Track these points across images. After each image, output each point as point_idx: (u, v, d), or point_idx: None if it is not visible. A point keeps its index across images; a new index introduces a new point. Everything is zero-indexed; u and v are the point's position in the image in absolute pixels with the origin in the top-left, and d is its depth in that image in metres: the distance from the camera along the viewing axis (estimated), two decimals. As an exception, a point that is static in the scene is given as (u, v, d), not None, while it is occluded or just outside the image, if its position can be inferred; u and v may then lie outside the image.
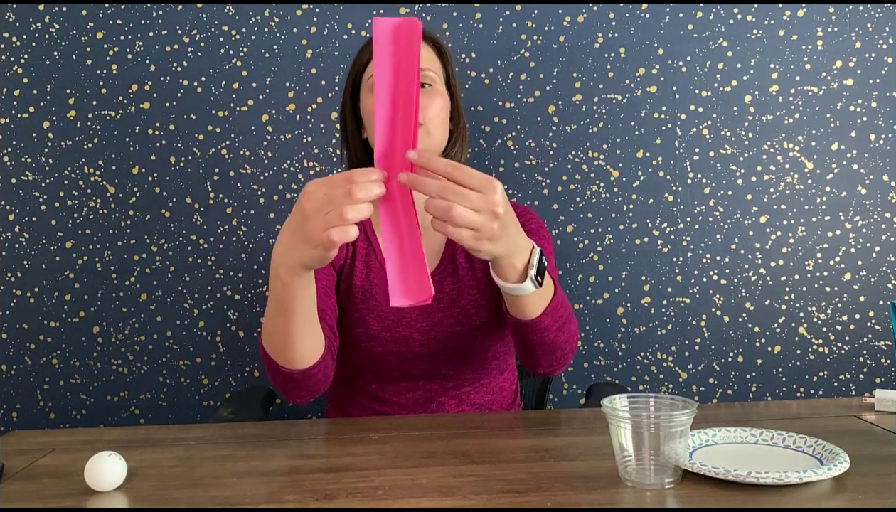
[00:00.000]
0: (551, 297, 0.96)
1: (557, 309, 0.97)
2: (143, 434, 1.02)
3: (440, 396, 1.18)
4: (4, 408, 1.66)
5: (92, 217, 1.65)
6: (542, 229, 1.23)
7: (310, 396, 1.02)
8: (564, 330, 1.00)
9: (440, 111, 1.16)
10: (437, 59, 1.20)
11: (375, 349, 1.14)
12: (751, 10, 1.62)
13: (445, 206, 0.78)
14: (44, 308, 1.65)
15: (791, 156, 1.63)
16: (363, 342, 1.14)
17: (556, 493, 0.73)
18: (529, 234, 1.16)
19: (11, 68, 1.64)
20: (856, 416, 1.01)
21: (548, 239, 1.22)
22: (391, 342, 1.14)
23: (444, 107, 1.18)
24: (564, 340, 1.01)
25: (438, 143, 1.18)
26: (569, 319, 1.02)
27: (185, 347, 1.66)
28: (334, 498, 0.74)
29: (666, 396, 0.78)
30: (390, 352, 1.14)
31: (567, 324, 1.01)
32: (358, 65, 1.20)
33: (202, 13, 1.63)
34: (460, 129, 1.23)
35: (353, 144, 1.23)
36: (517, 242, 0.87)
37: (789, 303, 1.64)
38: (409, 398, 1.17)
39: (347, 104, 1.22)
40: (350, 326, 1.14)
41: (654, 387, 1.65)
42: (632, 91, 1.63)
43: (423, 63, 1.16)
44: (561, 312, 0.98)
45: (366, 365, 1.16)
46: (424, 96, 1.15)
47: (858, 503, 0.70)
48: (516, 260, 0.88)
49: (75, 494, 0.77)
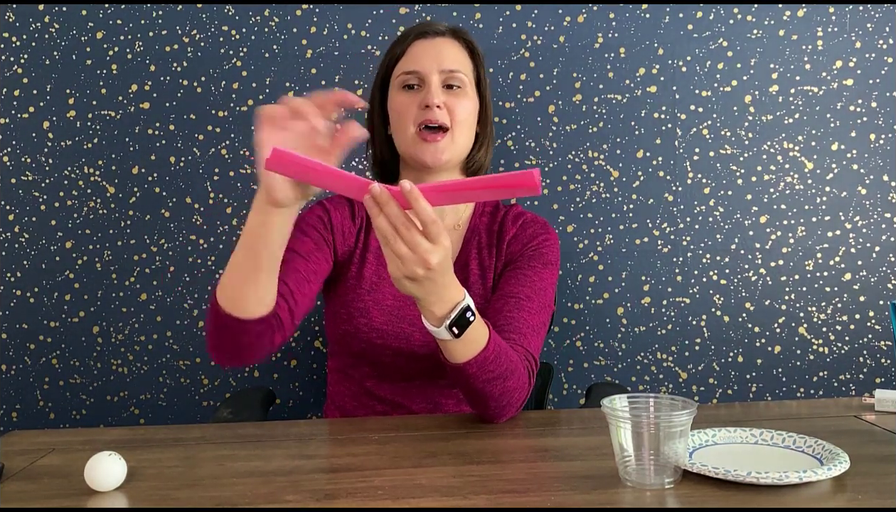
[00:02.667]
0: (481, 349, 0.92)
1: (488, 362, 0.93)
2: (143, 434, 1.02)
3: (438, 396, 1.18)
4: (4, 408, 1.66)
5: (92, 217, 1.65)
6: (548, 253, 1.18)
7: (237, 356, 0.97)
8: (497, 384, 0.95)
9: (468, 114, 1.17)
10: (469, 61, 1.20)
11: (375, 341, 1.13)
12: (751, 10, 1.62)
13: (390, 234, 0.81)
14: (44, 308, 1.65)
15: (791, 156, 1.63)
16: (364, 333, 1.14)
17: (556, 493, 0.73)
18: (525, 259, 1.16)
19: (11, 68, 1.64)
20: (856, 416, 1.01)
21: (552, 266, 1.17)
22: (392, 337, 1.14)
23: (472, 110, 1.18)
24: (499, 393, 0.96)
25: (463, 148, 1.18)
26: (507, 376, 0.96)
27: (185, 347, 1.66)
28: (334, 498, 0.74)
29: (666, 396, 0.78)
30: (389, 346, 1.13)
31: (504, 379, 0.95)
32: (388, 61, 1.21)
33: (202, 13, 1.63)
34: (487, 132, 1.23)
35: (378, 140, 1.23)
36: (441, 294, 0.87)
37: (789, 303, 1.64)
38: (406, 397, 1.17)
39: (376, 100, 1.23)
40: (353, 316, 1.14)
41: (654, 387, 1.65)
42: (632, 91, 1.63)
43: (452, 64, 1.16)
44: (493, 367, 0.93)
45: (363, 356, 1.16)
46: (453, 97, 1.15)
47: (858, 503, 0.70)
48: (435, 308, 0.88)
49: (75, 494, 0.77)
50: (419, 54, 1.17)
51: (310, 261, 1.12)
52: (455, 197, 0.83)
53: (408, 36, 1.20)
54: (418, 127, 1.14)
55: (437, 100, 1.13)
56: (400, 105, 1.17)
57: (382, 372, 1.17)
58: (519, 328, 1.06)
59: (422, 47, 1.18)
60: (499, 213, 1.23)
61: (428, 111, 1.13)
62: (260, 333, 0.95)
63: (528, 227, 1.20)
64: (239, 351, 0.96)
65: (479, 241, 1.21)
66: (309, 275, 1.10)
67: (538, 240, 1.18)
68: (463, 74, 1.17)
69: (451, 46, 1.19)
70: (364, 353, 1.16)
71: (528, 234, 1.19)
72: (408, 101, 1.16)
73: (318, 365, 1.66)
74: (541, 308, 1.11)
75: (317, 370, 1.66)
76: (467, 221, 1.23)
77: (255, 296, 0.92)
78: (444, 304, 0.88)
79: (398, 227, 0.80)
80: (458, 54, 1.18)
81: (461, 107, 1.15)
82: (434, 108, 1.13)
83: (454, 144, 1.15)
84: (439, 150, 1.14)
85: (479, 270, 1.18)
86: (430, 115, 1.13)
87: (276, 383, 1.66)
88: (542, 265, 1.15)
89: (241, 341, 0.95)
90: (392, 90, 1.19)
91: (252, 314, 0.93)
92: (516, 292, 1.11)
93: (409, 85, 1.17)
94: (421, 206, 0.79)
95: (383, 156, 1.24)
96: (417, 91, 1.16)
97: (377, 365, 1.16)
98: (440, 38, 1.19)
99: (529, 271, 1.14)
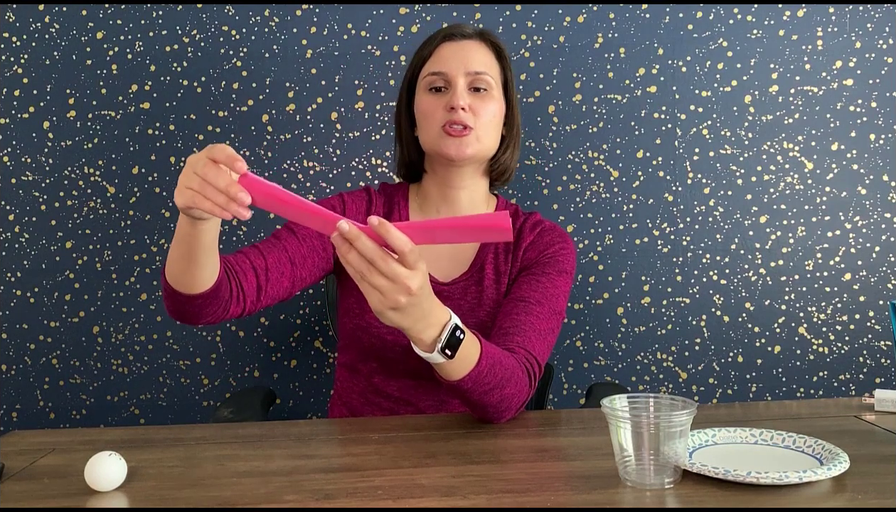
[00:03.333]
0: (474, 365, 0.92)
1: (482, 375, 0.93)
2: (143, 434, 1.02)
3: (444, 394, 1.18)
4: (4, 408, 1.66)
5: (92, 217, 1.65)
6: (564, 262, 1.18)
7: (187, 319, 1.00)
8: (494, 393, 0.95)
9: (493, 117, 1.17)
10: (495, 63, 1.20)
11: (386, 337, 1.14)
12: (751, 10, 1.62)
13: (365, 268, 0.79)
14: (44, 308, 1.65)
15: (791, 156, 1.63)
16: (375, 328, 1.14)
17: (556, 493, 0.73)
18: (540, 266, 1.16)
19: (11, 68, 1.64)
20: (856, 416, 1.01)
21: (566, 275, 1.17)
22: (402, 335, 1.13)
23: (498, 112, 1.18)
24: (496, 401, 0.97)
25: (488, 149, 1.18)
26: (503, 384, 0.96)
27: (185, 347, 1.66)
28: (334, 498, 0.74)
29: (666, 396, 0.78)
30: (400, 344, 1.14)
31: (500, 388, 0.96)
32: (415, 63, 1.21)
33: (202, 13, 1.63)
34: (513, 134, 1.23)
35: (406, 141, 1.23)
36: (428, 319, 0.86)
37: (789, 303, 1.64)
38: (413, 394, 1.17)
39: (403, 101, 1.23)
40: (366, 311, 1.14)
41: (654, 387, 1.65)
42: (632, 91, 1.63)
43: (479, 67, 1.16)
44: (488, 379, 0.94)
45: (372, 351, 1.16)
46: (478, 100, 1.16)
47: (858, 503, 0.70)
48: (424, 335, 0.87)
49: (75, 494, 0.77)
50: (446, 56, 1.17)
51: (304, 245, 1.12)
52: (426, 236, 0.81)
53: (435, 38, 1.20)
54: (443, 128, 1.15)
55: (463, 102, 1.13)
56: (426, 106, 1.17)
57: (391, 369, 1.17)
58: (524, 331, 1.06)
59: (449, 49, 1.18)
60: (517, 220, 1.23)
61: (453, 113, 1.13)
62: (203, 305, 0.98)
63: (545, 234, 1.21)
64: (187, 316, 1.00)
65: (495, 246, 1.21)
66: (296, 258, 1.11)
67: (555, 248, 1.19)
68: (489, 77, 1.17)
69: (478, 49, 1.19)
70: (374, 348, 1.16)
71: (544, 242, 1.19)
72: (434, 103, 1.16)
73: (318, 365, 1.67)
74: (551, 314, 1.11)
75: (317, 370, 1.67)
76: None
77: (192, 280, 0.94)
78: (432, 328, 0.87)
79: (374, 260, 0.79)
80: (485, 57, 1.19)
81: (486, 109, 1.15)
82: (459, 110, 1.13)
83: (479, 142, 1.15)
84: (464, 144, 1.14)
85: (495, 274, 1.18)
86: (455, 116, 1.13)
87: (277, 383, 1.66)
88: (556, 273, 1.16)
89: (188, 309, 0.98)
90: (419, 92, 1.19)
91: (194, 290, 0.95)
92: (527, 297, 1.11)
93: (436, 87, 1.17)
94: (395, 236, 0.78)
95: (410, 157, 1.24)
96: (444, 93, 1.16)
97: (386, 361, 1.17)
98: (467, 41, 1.19)
99: (543, 278, 1.14)
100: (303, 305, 1.66)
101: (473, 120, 1.14)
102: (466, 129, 1.14)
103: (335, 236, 0.79)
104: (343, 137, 1.64)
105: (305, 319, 1.66)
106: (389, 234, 0.78)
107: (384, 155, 1.65)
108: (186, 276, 0.94)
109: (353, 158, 1.64)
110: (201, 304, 0.97)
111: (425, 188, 1.24)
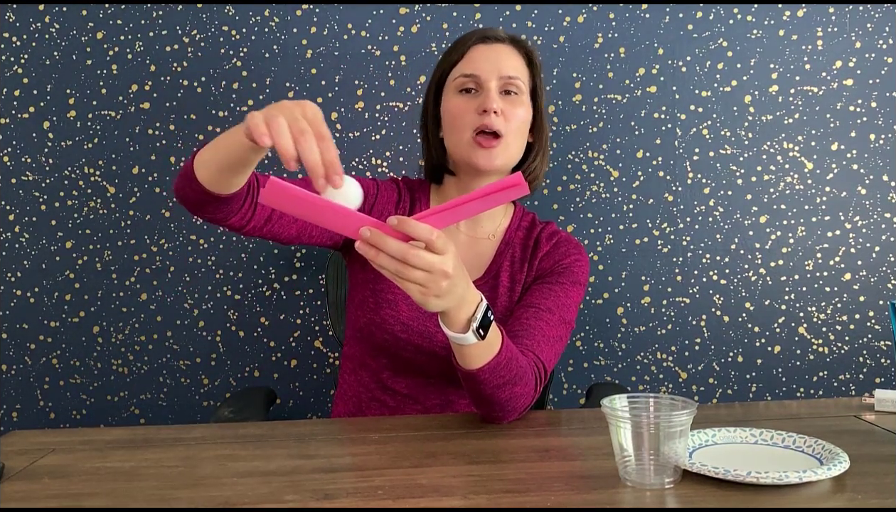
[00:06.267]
0: (495, 354, 0.93)
1: (500, 367, 0.94)
2: (143, 434, 1.02)
3: (452, 394, 1.18)
4: (4, 408, 1.66)
5: (92, 217, 1.65)
6: (578, 273, 1.19)
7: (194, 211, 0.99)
8: (506, 389, 0.96)
9: (521, 123, 1.17)
10: (526, 69, 1.20)
11: (399, 334, 1.14)
12: (751, 10, 1.62)
13: (398, 267, 0.80)
14: (44, 308, 1.65)
15: (791, 156, 1.63)
16: (389, 324, 1.14)
17: (556, 493, 0.73)
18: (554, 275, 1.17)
19: (11, 68, 1.64)
20: (856, 416, 1.01)
21: (579, 286, 1.18)
22: (416, 333, 1.14)
23: (525, 118, 1.18)
24: (506, 398, 0.97)
25: (514, 157, 1.18)
26: (515, 381, 0.97)
27: (185, 347, 1.66)
28: (334, 498, 0.74)
29: (666, 396, 0.78)
30: (412, 342, 1.14)
31: (512, 385, 0.96)
32: (444, 65, 1.21)
33: (202, 13, 1.63)
34: (542, 141, 1.23)
35: (432, 142, 1.23)
36: (465, 296, 0.87)
37: (789, 303, 1.64)
38: (421, 392, 1.18)
39: (430, 102, 1.23)
40: (381, 306, 1.15)
41: (654, 387, 1.65)
42: (632, 91, 1.63)
43: (511, 71, 1.16)
44: (504, 372, 0.95)
45: (384, 348, 1.16)
46: (509, 104, 1.15)
47: (858, 503, 0.70)
48: (461, 313, 0.88)
49: (75, 494, 0.77)
50: (478, 59, 1.17)
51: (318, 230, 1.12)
52: (446, 218, 0.81)
53: (467, 40, 1.19)
54: (474, 132, 1.14)
55: (496, 105, 1.13)
56: (456, 108, 1.16)
57: (400, 366, 1.17)
58: (534, 335, 1.07)
59: (481, 52, 1.18)
60: (535, 229, 1.24)
61: (485, 116, 1.13)
62: (217, 203, 0.96)
63: (561, 245, 1.21)
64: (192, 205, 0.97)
65: (512, 253, 1.21)
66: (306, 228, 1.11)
67: (570, 259, 1.19)
68: (521, 82, 1.17)
69: (510, 53, 1.19)
70: (385, 344, 1.16)
71: (560, 252, 1.20)
72: (464, 105, 1.16)
73: (318, 365, 1.67)
74: (560, 322, 1.12)
75: (317, 370, 1.67)
76: (503, 233, 1.23)
77: (223, 185, 0.93)
78: (468, 306, 0.88)
79: (406, 257, 0.80)
80: (517, 62, 1.19)
81: (516, 115, 1.15)
82: (491, 113, 1.13)
83: (507, 151, 1.15)
84: (493, 155, 1.14)
85: (510, 281, 1.19)
86: (487, 120, 1.13)
87: (277, 383, 1.66)
88: (570, 283, 1.16)
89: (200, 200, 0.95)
90: (447, 93, 1.19)
91: (217, 191, 0.94)
92: (538, 303, 1.12)
93: (467, 89, 1.17)
94: (416, 227, 0.79)
95: (437, 160, 1.24)
96: (475, 95, 1.16)
97: (396, 358, 1.17)
98: (500, 45, 1.19)
99: (556, 287, 1.15)
100: (303, 305, 1.66)
101: (504, 125, 1.14)
102: (497, 139, 1.14)
103: (359, 245, 0.80)
104: (343, 137, 1.64)
105: (305, 319, 1.66)
106: (411, 228, 0.79)
107: (384, 155, 1.65)
108: (220, 180, 0.92)
109: (353, 158, 1.64)
110: (215, 201, 0.95)
111: (446, 191, 1.24)
